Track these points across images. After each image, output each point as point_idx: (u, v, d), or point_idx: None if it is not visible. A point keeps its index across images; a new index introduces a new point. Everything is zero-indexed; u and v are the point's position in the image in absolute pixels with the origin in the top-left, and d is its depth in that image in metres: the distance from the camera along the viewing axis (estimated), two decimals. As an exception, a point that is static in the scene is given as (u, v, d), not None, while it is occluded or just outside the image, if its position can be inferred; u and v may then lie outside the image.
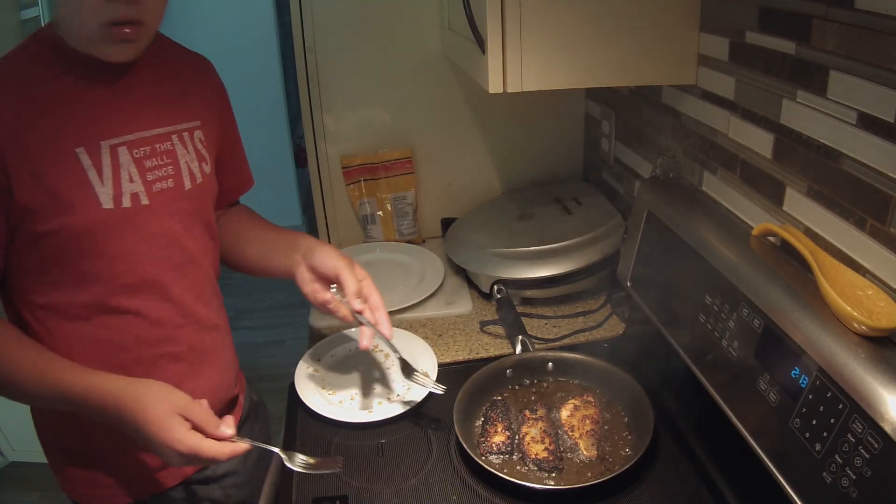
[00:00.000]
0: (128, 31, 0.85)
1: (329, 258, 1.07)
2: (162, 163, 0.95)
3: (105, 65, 0.89)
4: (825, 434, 0.72)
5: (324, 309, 1.07)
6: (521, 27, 1.05)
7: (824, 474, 0.71)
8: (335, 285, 1.08)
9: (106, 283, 0.92)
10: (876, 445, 0.66)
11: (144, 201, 0.93)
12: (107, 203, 0.89)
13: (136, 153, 0.93)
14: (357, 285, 1.06)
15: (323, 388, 1.16)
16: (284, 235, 1.15)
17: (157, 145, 0.95)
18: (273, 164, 3.79)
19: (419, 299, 1.40)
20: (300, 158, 3.96)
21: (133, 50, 0.89)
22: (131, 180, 0.92)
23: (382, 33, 1.53)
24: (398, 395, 1.13)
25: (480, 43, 1.10)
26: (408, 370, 1.07)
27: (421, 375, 1.07)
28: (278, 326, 3.19)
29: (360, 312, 1.05)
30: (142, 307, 0.96)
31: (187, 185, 0.99)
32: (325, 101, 1.57)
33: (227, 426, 0.87)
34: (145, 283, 0.95)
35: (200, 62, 1.10)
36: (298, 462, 0.92)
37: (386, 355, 1.24)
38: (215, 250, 1.09)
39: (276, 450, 0.92)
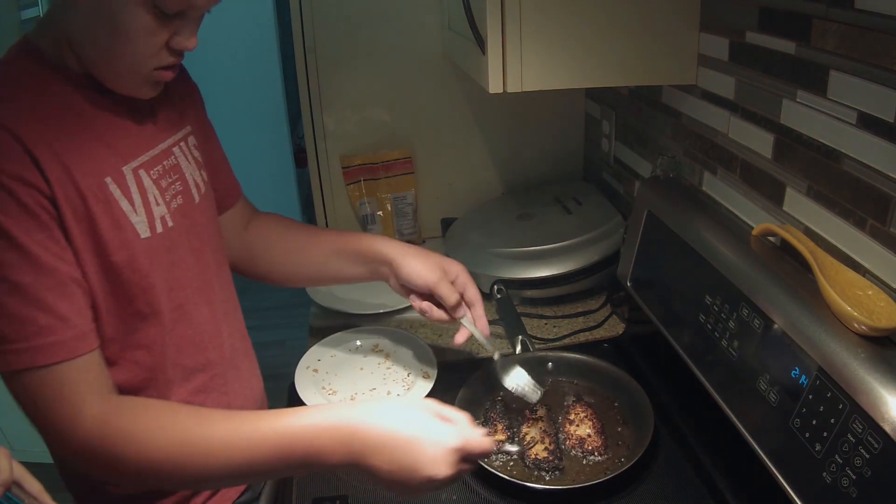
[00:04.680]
0: (172, 72, 0.81)
1: (419, 276, 1.04)
2: (172, 179, 0.89)
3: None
4: (825, 434, 0.72)
5: (422, 314, 1.07)
6: (521, 27, 1.05)
7: (824, 474, 0.71)
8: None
9: (132, 319, 0.83)
10: (876, 445, 0.66)
11: (170, 224, 0.87)
12: (144, 232, 0.83)
13: (153, 174, 0.86)
14: (455, 296, 1.04)
15: (323, 388, 1.16)
16: (347, 240, 1.11)
17: (165, 162, 0.89)
18: (273, 164, 3.79)
19: (419, 299, 1.40)
20: (300, 158, 3.95)
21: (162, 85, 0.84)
22: (157, 203, 0.85)
23: (382, 33, 1.53)
24: (398, 395, 1.13)
25: (480, 43, 1.10)
26: (505, 370, 1.05)
27: (516, 379, 1.05)
28: (278, 326, 3.18)
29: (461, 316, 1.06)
30: (161, 338, 0.86)
31: (196, 197, 0.93)
32: (325, 101, 1.57)
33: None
34: (172, 311, 0.87)
35: None
36: None
37: (386, 355, 1.24)
38: (227, 263, 1.04)
39: None
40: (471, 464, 0.78)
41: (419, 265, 1.05)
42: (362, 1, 1.50)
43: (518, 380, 1.04)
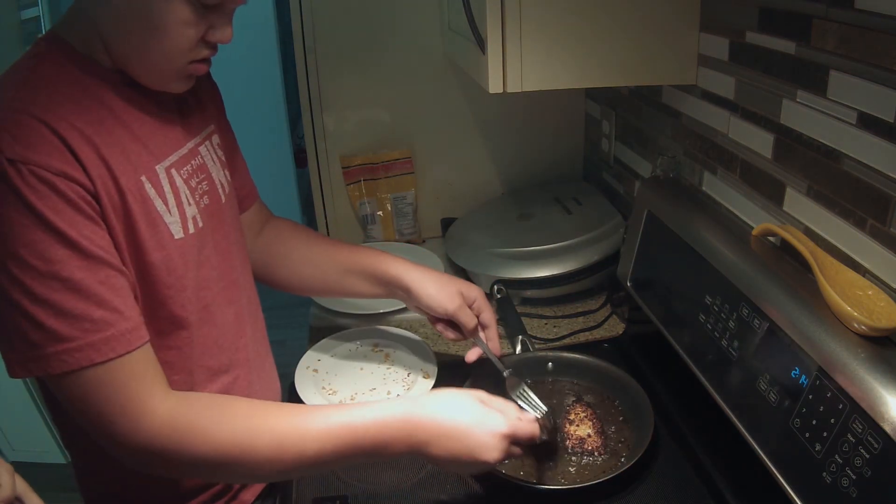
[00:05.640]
0: (206, 65, 0.81)
1: (438, 305, 1.05)
2: (200, 179, 0.88)
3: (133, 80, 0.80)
4: (825, 434, 0.72)
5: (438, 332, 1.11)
6: (521, 27, 1.05)
7: (824, 474, 0.71)
8: None
9: (164, 322, 0.82)
10: (876, 445, 0.66)
11: (200, 224, 0.86)
12: (177, 233, 0.82)
13: (183, 173, 0.85)
14: (474, 321, 1.06)
15: (323, 388, 1.16)
16: (365, 260, 1.10)
17: (193, 161, 0.88)
18: (273, 164, 3.78)
19: (419, 299, 1.39)
20: (300, 158, 3.95)
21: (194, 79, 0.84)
22: (189, 203, 0.84)
23: (382, 33, 1.53)
24: (398, 396, 1.13)
25: (480, 43, 1.10)
26: (513, 387, 1.04)
27: (523, 396, 1.03)
28: (278, 326, 3.17)
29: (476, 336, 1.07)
30: (189, 339, 0.86)
31: (222, 197, 0.93)
32: (325, 101, 1.57)
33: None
34: (198, 311, 0.86)
35: None
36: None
37: (386, 355, 1.24)
38: (250, 265, 1.03)
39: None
40: (520, 447, 0.86)
41: (438, 294, 1.05)
42: (362, 1, 1.50)
43: (524, 398, 1.04)
